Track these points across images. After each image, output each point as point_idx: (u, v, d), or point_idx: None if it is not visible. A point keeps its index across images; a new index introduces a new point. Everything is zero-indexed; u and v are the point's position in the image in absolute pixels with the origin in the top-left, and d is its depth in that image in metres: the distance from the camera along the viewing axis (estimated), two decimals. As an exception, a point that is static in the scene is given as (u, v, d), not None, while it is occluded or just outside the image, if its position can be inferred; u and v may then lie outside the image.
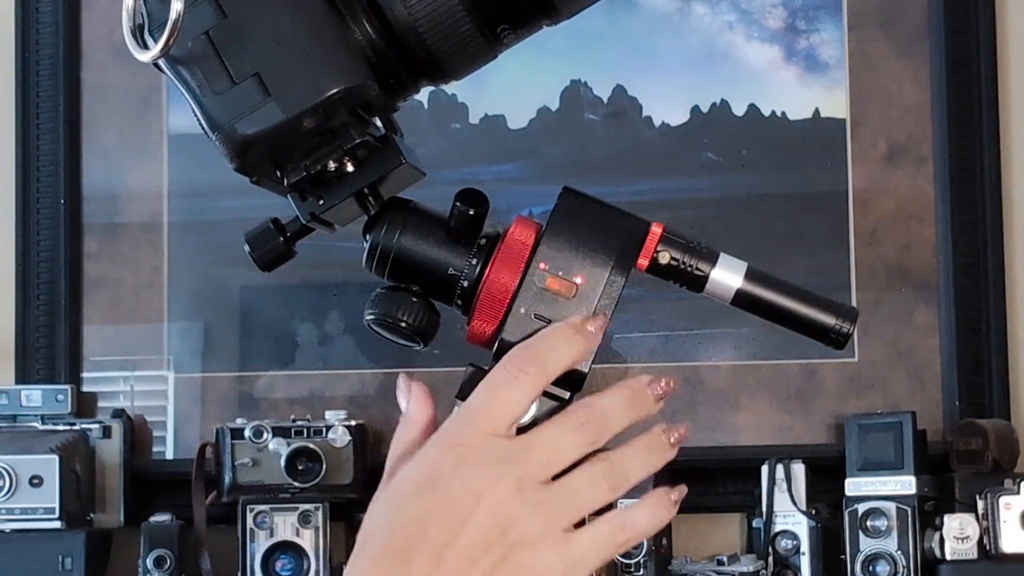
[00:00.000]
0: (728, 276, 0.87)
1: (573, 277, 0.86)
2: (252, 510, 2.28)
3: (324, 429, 2.30)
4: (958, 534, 2.19)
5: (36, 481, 2.22)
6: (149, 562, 2.28)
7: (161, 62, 0.83)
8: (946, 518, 2.20)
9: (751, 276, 0.87)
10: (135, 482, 2.39)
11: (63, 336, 2.46)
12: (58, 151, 2.48)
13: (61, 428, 2.34)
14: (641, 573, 2.24)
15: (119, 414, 2.41)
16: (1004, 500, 2.18)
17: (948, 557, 2.19)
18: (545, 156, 2.47)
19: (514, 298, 0.86)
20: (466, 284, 0.87)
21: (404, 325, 0.86)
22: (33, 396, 2.36)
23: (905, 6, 2.46)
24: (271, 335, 2.48)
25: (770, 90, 2.46)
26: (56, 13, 2.49)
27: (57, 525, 2.23)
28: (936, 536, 2.21)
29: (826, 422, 2.41)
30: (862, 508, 2.24)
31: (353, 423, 2.31)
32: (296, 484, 2.28)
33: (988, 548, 2.19)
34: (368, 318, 0.87)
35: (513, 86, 2.46)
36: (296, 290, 2.46)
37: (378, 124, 0.87)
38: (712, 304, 0.90)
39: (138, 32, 0.84)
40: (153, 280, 2.48)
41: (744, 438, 2.42)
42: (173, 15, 0.80)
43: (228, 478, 2.29)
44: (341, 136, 0.84)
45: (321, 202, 0.85)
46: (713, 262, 0.87)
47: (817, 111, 2.46)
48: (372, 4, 0.84)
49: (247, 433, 2.29)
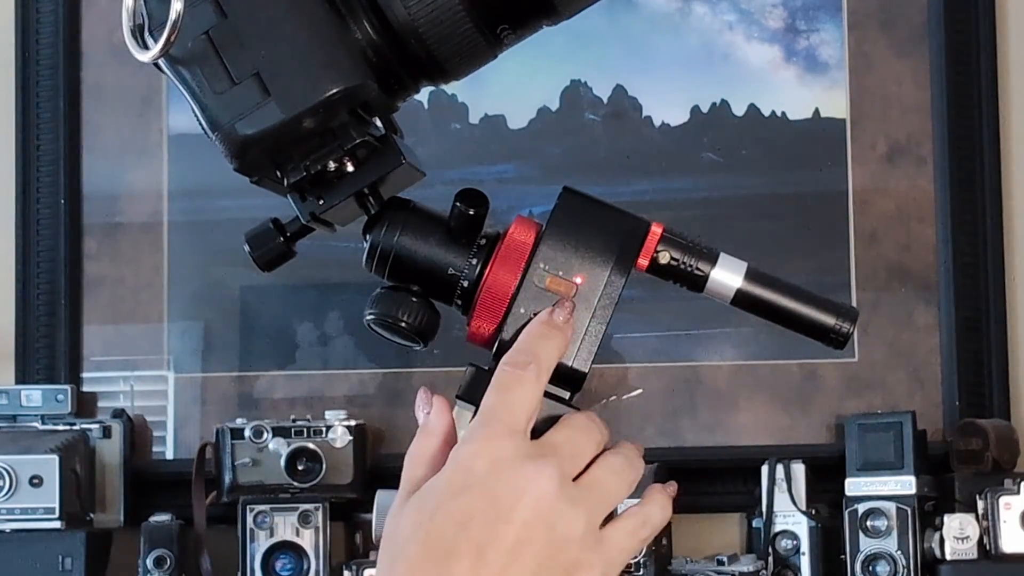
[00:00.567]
0: (728, 276, 0.87)
1: (573, 277, 0.86)
2: (252, 510, 2.28)
3: (324, 429, 2.30)
4: (958, 534, 2.19)
5: (36, 481, 2.22)
6: (149, 562, 2.28)
7: (161, 62, 0.83)
8: (946, 518, 2.20)
9: (751, 276, 0.88)
10: (135, 482, 2.39)
11: (63, 336, 2.45)
12: (58, 151, 2.47)
13: (61, 428, 2.34)
14: (641, 573, 2.23)
15: (119, 414, 2.40)
16: (1004, 500, 2.18)
17: (948, 557, 2.19)
18: (545, 156, 2.46)
19: (514, 298, 0.86)
20: (466, 284, 0.87)
21: (404, 325, 0.86)
22: (33, 396, 2.36)
23: (905, 6, 2.46)
24: (271, 335, 2.47)
25: (770, 90, 2.46)
26: (56, 13, 2.49)
27: (57, 525, 2.22)
28: (936, 536, 2.21)
29: (826, 422, 2.41)
30: (862, 508, 2.24)
31: (353, 423, 2.31)
32: (296, 484, 2.28)
33: (988, 548, 2.19)
34: (368, 318, 0.87)
35: (513, 86, 2.46)
36: (296, 290, 2.46)
37: (378, 124, 0.87)
38: (712, 304, 0.90)
39: (138, 32, 0.84)
40: (153, 280, 2.48)
41: (744, 438, 2.41)
42: (173, 15, 0.80)
43: (228, 478, 2.29)
44: (341, 136, 0.84)
45: (321, 202, 0.85)
46: (713, 262, 0.87)
47: (817, 111, 2.46)
48: (372, 4, 0.84)
49: (247, 433, 2.29)
